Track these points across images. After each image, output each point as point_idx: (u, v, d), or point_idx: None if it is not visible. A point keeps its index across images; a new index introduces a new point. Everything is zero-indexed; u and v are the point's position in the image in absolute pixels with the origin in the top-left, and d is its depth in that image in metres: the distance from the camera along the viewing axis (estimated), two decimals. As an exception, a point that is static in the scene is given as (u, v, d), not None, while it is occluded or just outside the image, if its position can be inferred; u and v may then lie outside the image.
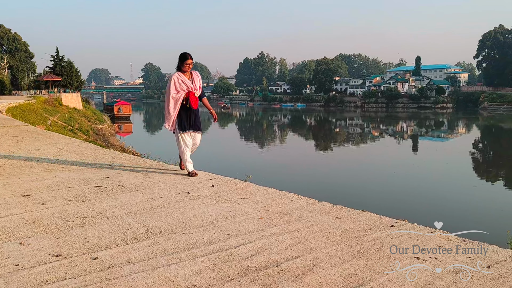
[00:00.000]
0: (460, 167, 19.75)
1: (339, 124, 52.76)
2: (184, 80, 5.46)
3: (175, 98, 5.47)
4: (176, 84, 5.46)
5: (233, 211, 3.92)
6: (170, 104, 5.48)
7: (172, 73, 5.57)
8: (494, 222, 9.19)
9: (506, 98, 72.03)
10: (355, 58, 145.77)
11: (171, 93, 5.44)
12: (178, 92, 5.48)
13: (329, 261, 2.75)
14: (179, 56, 5.49)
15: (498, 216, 10.44)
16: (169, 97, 5.48)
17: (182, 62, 5.44)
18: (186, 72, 5.51)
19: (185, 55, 5.45)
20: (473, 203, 12.20)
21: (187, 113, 5.55)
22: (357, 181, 15.23)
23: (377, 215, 3.86)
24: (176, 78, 5.45)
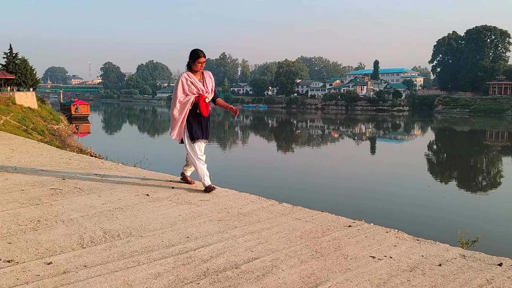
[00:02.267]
0: (415, 168, 20.40)
1: (301, 126, 53.37)
2: (194, 81, 4.78)
3: (183, 102, 4.77)
4: (185, 86, 4.77)
5: (193, 213, 3.90)
6: (176, 108, 4.78)
7: (181, 73, 4.91)
8: (446, 221, 9.56)
9: (459, 102, 75.07)
10: (316, 61, 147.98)
11: (178, 96, 4.77)
12: (187, 96, 4.78)
13: (288, 262, 2.78)
14: (190, 54, 4.81)
15: (450, 215, 10.85)
16: (175, 100, 4.80)
17: (193, 61, 4.76)
18: (197, 72, 4.85)
19: (198, 52, 4.77)
20: (427, 203, 12.63)
21: (198, 120, 4.86)
22: (317, 182, 15.47)
23: (335, 216, 3.94)
24: (184, 79, 4.78)
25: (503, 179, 18.36)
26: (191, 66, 4.81)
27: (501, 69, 76.75)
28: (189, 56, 4.79)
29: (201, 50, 4.78)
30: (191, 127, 4.83)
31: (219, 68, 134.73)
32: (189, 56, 4.79)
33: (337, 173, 17.76)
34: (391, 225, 3.82)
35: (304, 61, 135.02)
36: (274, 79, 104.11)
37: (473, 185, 16.69)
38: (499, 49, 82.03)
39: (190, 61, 4.79)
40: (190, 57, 4.78)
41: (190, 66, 4.83)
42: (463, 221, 9.59)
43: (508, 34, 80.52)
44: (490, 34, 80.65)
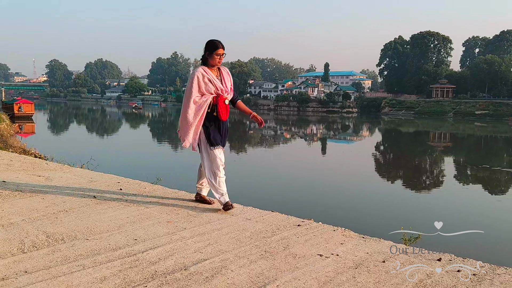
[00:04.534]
0: (364, 168, 21.02)
1: (253, 126, 53.64)
2: (212, 78, 4.04)
3: (199, 103, 4.00)
4: (201, 84, 4.01)
5: (141, 215, 3.83)
6: (190, 110, 3.97)
7: (196, 69, 4.13)
8: (391, 219, 9.92)
9: (404, 104, 78.04)
10: (268, 63, 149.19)
11: (192, 96, 3.98)
12: (203, 96, 4.02)
13: (238, 262, 2.79)
14: (206, 45, 4.05)
15: (395, 213, 11.27)
16: (189, 101, 3.99)
17: (211, 53, 4.01)
18: (214, 67, 4.11)
19: (216, 43, 4.02)
20: (374, 202, 13.05)
21: (215, 124, 4.12)
22: (268, 183, 15.61)
23: (285, 215, 4.00)
24: (200, 75, 4.01)
25: (445, 178, 19.27)
26: (207, 60, 4.06)
27: (444, 73, 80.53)
28: (204, 48, 4.06)
29: (219, 41, 4.05)
30: (208, 131, 4.07)
31: (171, 68, 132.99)
32: (204, 48, 4.06)
33: (289, 174, 18.00)
34: (339, 223, 3.92)
35: (257, 62, 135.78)
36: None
37: (417, 184, 17.41)
38: (441, 54, 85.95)
39: (206, 53, 4.04)
40: (206, 49, 4.03)
41: (205, 60, 4.08)
42: (407, 219, 9.98)
43: (449, 40, 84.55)
44: (434, 39, 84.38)
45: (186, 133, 4.04)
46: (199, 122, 4.01)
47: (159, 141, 33.23)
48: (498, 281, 2.61)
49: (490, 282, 2.58)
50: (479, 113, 67.64)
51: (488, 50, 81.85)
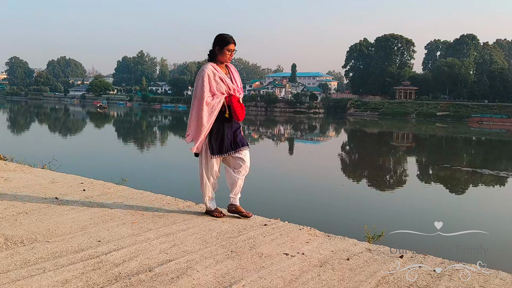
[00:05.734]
0: (330, 168, 21.32)
1: (220, 127, 53.53)
2: (222, 76, 3.71)
3: (212, 104, 3.65)
4: (212, 83, 3.66)
5: (105, 216, 3.75)
6: (204, 113, 3.65)
7: (204, 66, 3.76)
8: (356, 217, 10.10)
9: (369, 105, 79.65)
10: (236, 63, 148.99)
11: (204, 96, 3.63)
12: (214, 96, 3.68)
13: (203, 263, 2.78)
14: (216, 39, 3.72)
15: (360, 212, 11.48)
16: (201, 102, 3.65)
17: (221, 48, 3.69)
18: (222, 64, 3.79)
19: (227, 38, 3.70)
20: (339, 201, 13.25)
21: (224, 128, 3.77)
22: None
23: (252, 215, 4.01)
24: (211, 72, 3.66)
25: (407, 177, 19.78)
26: (215, 56, 3.73)
27: (407, 75, 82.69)
28: (213, 43, 3.73)
29: (231, 35, 3.74)
30: (210, 137, 3.78)
31: (137, 67, 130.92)
32: (213, 43, 3.73)
33: (255, 173, 18.04)
34: (305, 222, 3.96)
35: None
36: (194, 79, 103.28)
37: (381, 183, 17.80)
38: (404, 56, 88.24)
39: (216, 48, 3.71)
40: (216, 44, 3.71)
41: (213, 56, 3.74)
42: (372, 217, 10.19)
43: (412, 42, 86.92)
44: (397, 42, 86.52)
45: (197, 137, 3.72)
46: (211, 124, 3.70)
47: (125, 141, 32.67)
48: (457, 276, 2.70)
49: (449, 278, 2.67)
50: (440, 114, 69.82)
51: (449, 53, 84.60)
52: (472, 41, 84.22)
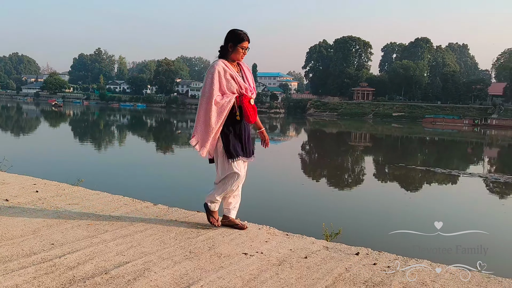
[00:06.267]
0: (290, 167, 21.54)
1: (181, 126, 52.96)
2: (234, 75, 3.42)
3: (221, 104, 3.37)
4: (222, 81, 3.38)
5: (59, 218, 3.64)
6: (212, 113, 3.36)
7: (215, 62, 3.46)
8: (315, 216, 10.26)
9: (328, 105, 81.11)
10: (196, 61, 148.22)
11: (213, 95, 3.35)
12: (224, 95, 3.41)
13: (161, 264, 2.75)
14: (229, 35, 3.45)
15: (319, 210, 11.67)
16: (209, 101, 3.36)
17: (235, 45, 3.43)
18: (234, 62, 3.51)
19: (241, 34, 3.42)
20: (299, 200, 13.41)
21: (236, 130, 3.51)
22: (194, 182, 15.47)
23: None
24: (222, 69, 3.38)
25: (365, 176, 20.26)
26: (227, 53, 3.45)
27: (364, 77, 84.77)
28: (226, 38, 3.45)
29: (245, 32, 3.46)
30: (227, 140, 3.46)
31: (94, 64, 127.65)
32: (226, 38, 3.45)
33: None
34: (264, 222, 3.99)
35: (184, 61, 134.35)
36: (153, 78, 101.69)
37: (339, 182, 18.15)
38: (362, 58, 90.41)
39: (229, 45, 3.43)
40: (230, 40, 3.43)
41: (225, 53, 3.47)
42: (330, 215, 10.38)
43: (370, 45, 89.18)
44: (355, 44, 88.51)
45: (205, 140, 3.41)
46: (220, 126, 3.41)
47: (81, 141, 31.76)
48: (410, 272, 2.79)
49: (402, 274, 2.76)
50: (396, 115, 71.99)
51: (404, 56, 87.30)
52: (426, 44, 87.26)
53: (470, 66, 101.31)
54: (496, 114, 63.80)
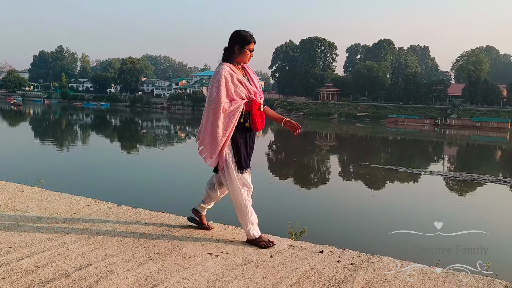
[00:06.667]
0: (257, 167, 21.58)
1: (146, 125, 52.21)
2: (242, 79, 3.21)
3: (229, 111, 3.13)
4: (229, 86, 3.15)
5: (18, 220, 3.52)
6: (220, 122, 3.12)
7: (220, 66, 3.22)
8: (281, 215, 10.32)
9: (295, 105, 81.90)
10: (162, 60, 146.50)
11: (221, 102, 3.12)
12: (233, 101, 3.17)
13: (124, 266, 2.70)
14: (234, 36, 3.22)
15: (285, 209, 11.76)
16: (217, 109, 3.12)
17: (242, 47, 3.21)
18: (239, 65, 3.29)
19: (248, 36, 3.22)
20: (266, 199, 13.45)
21: (244, 139, 3.30)
22: (159, 182, 15.30)
23: (176, 216, 3.97)
24: (228, 74, 3.15)
25: (330, 175, 20.55)
26: (233, 56, 3.23)
27: (329, 77, 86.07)
28: (231, 40, 3.22)
29: (251, 33, 3.26)
30: (238, 149, 3.23)
31: (56, 62, 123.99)
32: (231, 40, 3.22)
33: (182, 173, 17.83)
34: (230, 222, 3.98)
35: (150, 59, 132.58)
36: (118, 76, 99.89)
37: (305, 181, 18.34)
38: (327, 59, 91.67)
39: (236, 47, 3.20)
40: (236, 41, 3.20)
41: (230, 56, 3.24)
42: (296, 214, 10.46)
43: (335, 46, 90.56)
44: (320, 45, 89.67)
45: (213, 150, 3.18)
46: (229, 135, 3.16)
47: (42, 141, 30.81)
48: (372, 268, 2.85)
49: (365, 270, 2.82)
50: (360, 115, 73.40)
51: (368, 57, 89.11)
52: (389, 45, 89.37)
53: (430, 67, 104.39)
54: (455, 114, 65.98)
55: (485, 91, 70.32)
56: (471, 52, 77.14)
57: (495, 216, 12.38)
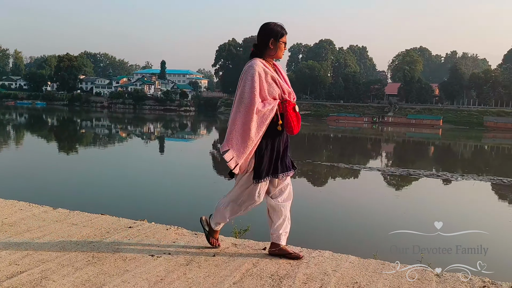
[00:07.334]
0: (200, 166, 21.45)
1: (85, 125, 50.36)
2: (276, 77, 2.90)
3: (263, 112, 2.83)
4: (263, 85, 2.84)
5: None
6: (253, 124, 2.81)
7: (252, 62, 2.89)
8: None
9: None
10: (101, 57, 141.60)
11: (255, 101, 2.80)
12: (266, 102, 2.86)
13: (61, 272, 2.59)
14: (266, 30, 2.89)
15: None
16: (250, 109, 2.81)
17: (276, 40, 2.88)
18: (270, 62, 2.96)
19: (281, 28, 2.90)
20: (208, 198, 13.39)
21: (273, 144, 2.96)
22: (99, 184, 14.82)
23: (116, 217, 3.86)
24: (262, 71, 2.83)
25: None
26: (265, 51, 2.90)
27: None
28: (264, 34, 2.89)
29: (281, 24, 2.92)
30: (261, 155, 2.91)
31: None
32: (264, 34, 2.89)
33: (122, 173, 17.36)
34: (173, 222, 3.94)
35: (88, 57, 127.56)
36: (54, 74, 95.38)
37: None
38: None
39: (270, 41, 2.87)
40: (270, 35, 2.87)
41: (262, 51, 2.91)
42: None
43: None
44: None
45: (242, 155, 2.83)
46: (259, 139, 2.86)
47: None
48: (313, 263, 2.92)
49: (306, 265, 2.88)
50: (303, 113, 74.29)
51: (309, 56, 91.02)
52: (330, 45, 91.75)
53: (369, 67, 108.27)
54: (392, 112, 68.93)
55: (419, 90, 73.97)
56: (406, 53, 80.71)
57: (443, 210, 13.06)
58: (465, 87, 73.07)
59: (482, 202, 14.99)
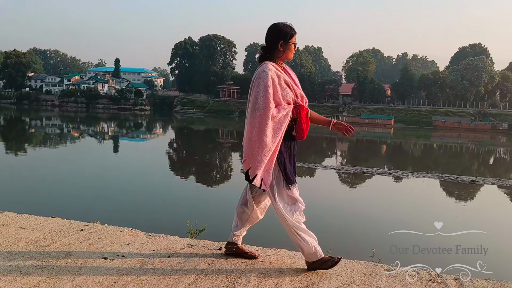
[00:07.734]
0: (156, 166, 21.12)
1: (35, 124, 48.42)
2: (288, 81, 2.80)
3: (277, 118, 2.70)
4: (277, 89, 2.72)
5: None
6: (268, 130, 2.67)
7: (263, 65, 2.76)
8: (181, 214, 10.21)
9: (195, 103, 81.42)
10: (52, 54, 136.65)
11: (270, 107, 2.68)
12: (280, 107, 2.74)
13: (7, 278, 2.49)
14: (276, 31, 2.77)
15: (185, 208, 11.65)
16: (264, 115, 2.68)
17: (286, 42, 2.76)
18: (280, 64, 2.85)
19: (291, 29, 2.79)
20: (164, 199, 13.24)
21: (290, 149, 2.86)
22: (48, 185, 14.31)
23: (67, 220, 3.75)
24: (275, 75, 2.72)
25: (232, 172, 20.80)
26: (275, 54, 2.79)
27: (230, 75, 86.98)
28: (273, 37, 2.77)
29: (290, 24, 2.81)
30: (283, 162, 2.79)
31: None
32: (273, 37, 2.77)
33: (74, 174, 16.83)
34: (127, 224, 3.87)
35: (38, 53, 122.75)
36: (0, 71, 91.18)
37: (207, 179, 18.36)
38: (227, 57, 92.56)
39: (280, 43, 2.75)
40: (280, 37, 2.76)
41: (271, 54, 2.80)
42: (196, 213, 10.41)
43: (234, 44, 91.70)
44: (220, 42, 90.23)
45: (259, 164, 2.68)
46: (277, 146, 2.72)
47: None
48: (268, 261, 2.96)
49: (262, 264, 2.91)
50: (260, 113, 75.17)
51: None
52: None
53: (324, 68, 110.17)
54: (346, 112, 70.54)
55: (372, 90, 76.09)
56: (359, 54, 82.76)
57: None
58: (415, 88, 75.87)
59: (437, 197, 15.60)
